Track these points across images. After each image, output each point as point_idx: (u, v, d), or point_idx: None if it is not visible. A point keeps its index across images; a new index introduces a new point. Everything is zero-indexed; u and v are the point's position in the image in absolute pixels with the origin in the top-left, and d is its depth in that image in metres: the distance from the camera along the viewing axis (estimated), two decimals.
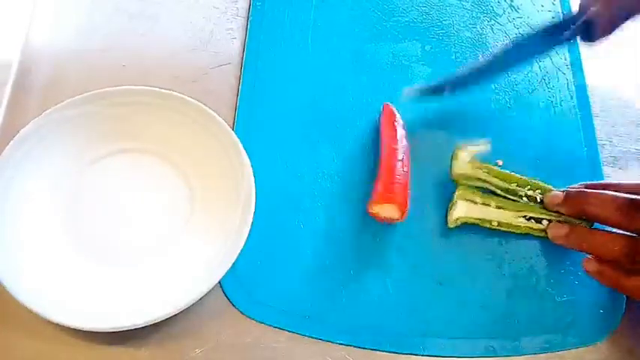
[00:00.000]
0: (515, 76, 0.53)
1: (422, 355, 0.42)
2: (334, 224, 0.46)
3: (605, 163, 0.50)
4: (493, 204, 0.46)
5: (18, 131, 0.43)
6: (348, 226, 0.46)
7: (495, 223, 0.46)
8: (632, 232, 0.40)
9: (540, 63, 0.54)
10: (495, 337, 0.43)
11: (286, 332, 0.42)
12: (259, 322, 0.42)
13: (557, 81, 0.54)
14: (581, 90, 0.53)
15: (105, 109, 0.45)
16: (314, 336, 0.42)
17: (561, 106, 0.52)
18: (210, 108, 0.45)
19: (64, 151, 0.45)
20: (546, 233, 0.45)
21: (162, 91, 0.46)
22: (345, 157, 0.48)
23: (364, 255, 0.45)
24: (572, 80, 0.54)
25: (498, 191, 0.46)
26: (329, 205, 0.46)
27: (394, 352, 0.42)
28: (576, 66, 0.54)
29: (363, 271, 0.44)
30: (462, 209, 0.46)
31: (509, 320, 0.43)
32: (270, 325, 0.42)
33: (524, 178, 0.46)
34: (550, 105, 0.52)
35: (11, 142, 0.43)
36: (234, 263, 0.40)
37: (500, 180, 0.46)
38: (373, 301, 0.43)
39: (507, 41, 0.54)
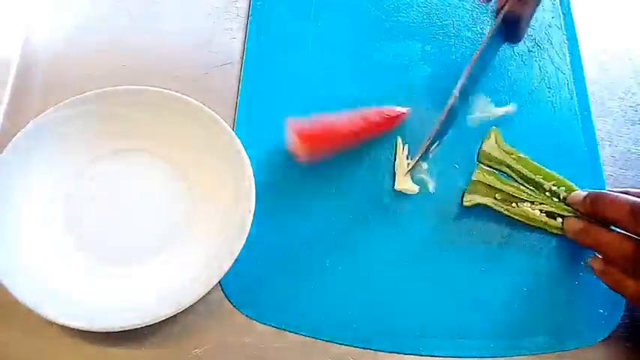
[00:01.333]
0: (515, 76, 0.53)
1: (422, 355, 0.42)
2: (334, 224, 0.46)
3: (605, 163, 0.50)
4: (511, 190, 0.46)
5: (18, 131, 0.43)
6: (348, 227, 0.46)
7: (510, 209, 0.46)
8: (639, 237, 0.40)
9: (540, 63, 0.54)
10: (495, 337, 0.43)
11: (286, 332, 0.42)
12: (259, 322, 0.42)
13: (557, 81, 0.53)
14: (581, 90, 0.53)
15: (105, 109, 0.45)
16: (314, 336, 0.42)
17: (561, 106, 0.52)
18: (210, 108, 0.45)
19: (64, 151, 0.45)
20: (560, 230, 0.45)
21: (163, 91, 0.46)
22: (344, 157, 0.48)
23: (364, 255, 0.45)
24: (572, 80, 0.54)
25: (519, 180, 0.47)
26: (329, 205, 0.46)
27: (394, 352, 0.42)
28: (576, 66, 0.54)
29: (364, 271, 0.44)
30: (480, 190, 0.46)
31: (509, 320, 0.43)
32: (271, 326, 0.42)
33: (552, 172, 0.46)
34: (550, 105, 0.52)
35: (11, 142, 0.43)
36: (234, 263, 0.40)
37: (526, 168, 0.46)
38: (374, 301, 0.43)
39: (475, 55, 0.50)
